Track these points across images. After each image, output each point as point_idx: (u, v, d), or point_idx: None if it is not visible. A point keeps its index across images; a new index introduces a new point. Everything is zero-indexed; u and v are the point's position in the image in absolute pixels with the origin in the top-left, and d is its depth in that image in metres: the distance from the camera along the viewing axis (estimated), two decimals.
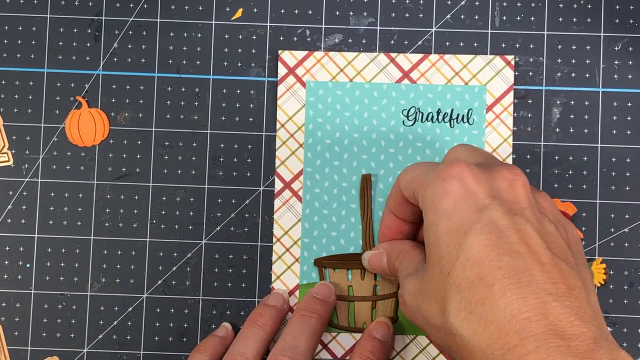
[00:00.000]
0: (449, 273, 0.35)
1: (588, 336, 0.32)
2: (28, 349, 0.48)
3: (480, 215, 0.35)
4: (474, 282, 0.33)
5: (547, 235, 0.35)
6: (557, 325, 0.32)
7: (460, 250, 0.34)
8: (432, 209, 0.36)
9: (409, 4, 0.49)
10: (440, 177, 0.37)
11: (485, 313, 0.33)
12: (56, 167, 0.49)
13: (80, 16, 0.49)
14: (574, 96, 0.49)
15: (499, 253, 0.34)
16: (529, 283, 0.33)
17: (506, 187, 0.36)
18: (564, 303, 0.32)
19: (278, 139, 0.49)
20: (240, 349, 0.44)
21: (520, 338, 0.32)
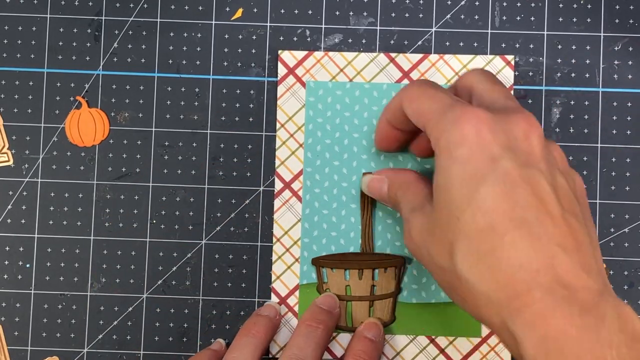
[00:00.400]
0: (458, 218, 0.35)
1: (594, 289, 0.32)
2: (28, 349, 0.48)
3: (494, 165, 0.35)
4: (485, 230, 0.34)
5: (559, 188, 0.36)
6: (564, 277, 0.32)
7: (472, 198, 0.34)
8: (447, 154, 0.36)
9: (409, 4, 0.49)
10: (456, 123, 0.36)
11: (494, 261, 0.33)
12: (56, 167, 0.49)
13: (80, 16, 0.49)
14: (574, 96, 0.49)
15: (511, 204, 0.34)
16: (539, 236, 0.33)
17: (522, 137, 0.36)
18: (572, 257, 0.33)
19: (278, 139, 0.49)
20: (234, 356, 0.44)
21: (527, 287, 0.32)
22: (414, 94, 0.40)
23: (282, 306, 0.48)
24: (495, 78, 0.41)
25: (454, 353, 0.47)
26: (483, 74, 0.41)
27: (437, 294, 0.48)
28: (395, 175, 0.44)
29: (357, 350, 0.45)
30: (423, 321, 0.48)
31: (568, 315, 0.31)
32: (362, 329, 0.46)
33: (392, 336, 0.48)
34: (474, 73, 0.41)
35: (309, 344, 0.44)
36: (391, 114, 0.43)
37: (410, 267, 0.48)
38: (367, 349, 0.45)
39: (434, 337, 0.48)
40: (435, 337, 0.48)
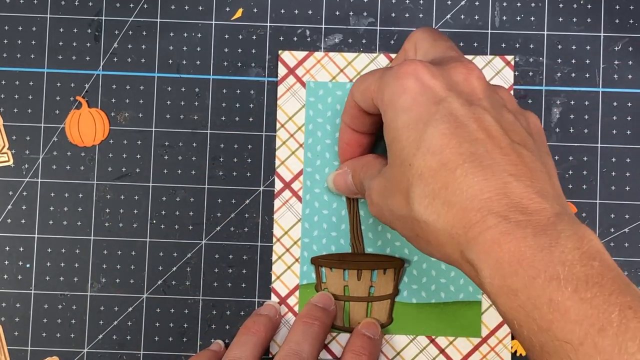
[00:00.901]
0: (410, 164, 0.35)
1: (549, 212, 0.32)
2: (28, 349, 0.48)
3: (438, 107, 0.35)
4: (436, 169, 0.34)
5: (506, 123, 0.36)
6: (518, 202, 0.32)
7: (420, 141, 0.35)
8: (391, 107, 0.37)
9: (409, 4, 0.49)
10: (396, 76, 0.37)
11: (448, 197, 0.33)
12: (56, 167, 0.49)
13: (80, 16, 0.49)
14: (574, 96, 0.49)
15: (459, 141, 0.34)
16: (490, 166, 0.33)
17: (462, 80, 0.37)
18: (525, 183, 0.33)
19: (278, 139, 0.49)
20: (235, 354, 0.44)
21: (482, 215, 0.32)
22: (358, 80, 0.41)
23: (282, 306, 0.48)
24: (437, 34, 0.42)
25: (454, 353, 0.47)
26: (425, 32, 0.42)
27: (437, 294, 0.48)
28: (355, 163, 0.45)
29: (357, 347, 0.45)
30: (423, 321, 0.48)
31: (521, 237, 0.31)
32: (361, 327, 0.47)
33: (392, 336, 0.48)
34: (417, 32, 0.42)
35: (305, 338, 0.44)
36: (349, 116, 0.44)
37: (410, 267, 0.48)
38: (366, 345, 0.45)
39: (434, 337, 0.48)
40: (435, 337, 0.48)
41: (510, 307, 0.31)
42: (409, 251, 0.48)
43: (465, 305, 0.48)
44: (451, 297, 0.48)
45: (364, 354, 0.45)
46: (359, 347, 0.45)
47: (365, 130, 0.44)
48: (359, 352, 0.45)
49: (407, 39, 0.44)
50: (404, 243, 0.48)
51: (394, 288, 0.48)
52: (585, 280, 0.30)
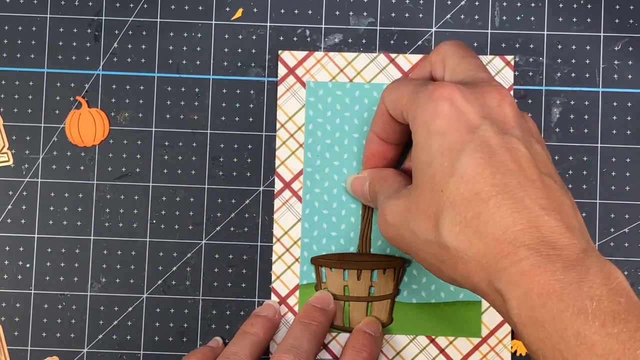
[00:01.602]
0: (442, 190, 0.35)
1: (578, 247, 0.33)
2: (28, 349, 0.48)
3: (472, 135, 0.35)
4: (469, 198, 0.34)
5: (535, 153, 0.36)
6: (548, 236, 0.33)
7: (454, 168, 0.35)
8: (425, 130, 0.37)
9: (409, 4, 0.49)
10: (430, 98, 0.37)
11: (481, 226, 0.34)
12: (56, 167, 0.49)
13: (80, 16, 0.49)
14: (574, 96, 0.49)
15: (492, 171, 0.35)
16: (522, 198, 0.34)
17: (495, 106, 0.37)
18: (555, 217, 0.34)
19: (278, 139, 0.49)
20: (233, 349, 0.44)
21: (514, 247, 0.33)
22: (391, 87, 0.41)
23: (282, 306, 0.48)
24: (466, 49, 0.41)
25: (454, 353, 0.47)
26: (454, 46, 0.41)
27: (437, 294, 0.48)
28: (376, 173, 0.45)
29: (358, 344, 0.45)
30: (423, 321, 0.48)
31: (551, 271, 0.32)
32: (362, 325, 0.47)
33: (392, 336, 0.48)
34: (445, 46, 0.42)
35: (304, 334, 0.44)
36: (378, 124, 0.44)
37: (410, 267, 0.48)
38: (367, 342, 0.45)
39: (434, 337, 0.48)
40: (435, 337, 0.48)
41: (537, 338, 0.32)
42: None
43: (465, 305, 0.48)
44: (451, 297, 0.48)
45: (364, 351, 0.45)
46: (360, 344, 0.45)
47: (394, 141, 0.44)
48: (359, 349, 0.45)
49: (435, 51, 0.42)
50: None
51: (394, 288, 0.48)
52: (612, 315, 0.31)
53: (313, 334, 0.44)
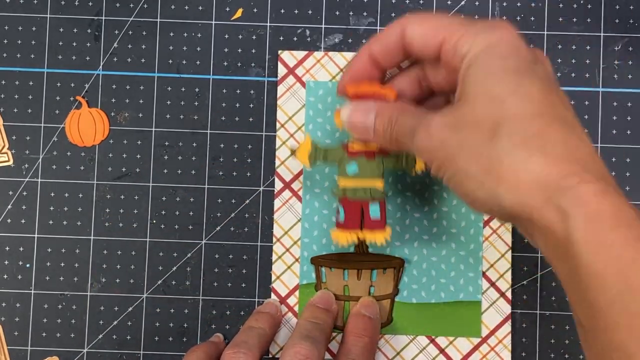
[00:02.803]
0: (503, 102, 0.35)
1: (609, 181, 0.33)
2: (28, 349, 0.48)
3: (533, 67, 0.36)
4: (533, 115, 0.34)
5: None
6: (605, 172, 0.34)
7: (519, 86, 0.35)
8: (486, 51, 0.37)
9: (409, 4, 0.49)
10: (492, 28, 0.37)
11: (543, 144, 0.33)
12: (56, 167, 0.49)
13: (80, 16, 0.49)
14: (574, 96, 0.49)
15: (554, 101, 0.35)
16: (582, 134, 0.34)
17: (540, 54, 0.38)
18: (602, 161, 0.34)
19: (278, 139, 0.49)
20: (242, 338, 0.43)
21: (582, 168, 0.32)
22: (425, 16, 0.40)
23: (282, 306, 0.48)
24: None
25: (454, 353, 0.47)
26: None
27: (437, 294, 0.48)
28: (387, 105, 0.41)
29: (357, 329, 0.45)
30: (423, 321, 0.48)
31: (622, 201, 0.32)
32: (360, 308, 0.46)
33: (392, 336, 0.48)
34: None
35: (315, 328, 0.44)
36: (381, 44, 0.41)
37: (410, 267, 0.48)
38: (367, 326, 0.45)
39: (434, 337, 0.48)
40: (435, 337, 0.48)
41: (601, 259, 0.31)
42: (409, 251, 0.48)
43: (465, 305, 0.48)
44: (451, 297, 0.48)
45: (365, 336, 0.45)
46: (361, 329, 0.45)
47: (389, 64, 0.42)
48: (360, 335, 0.45)
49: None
50: (404, 243, 0.48)
51: (394, 288, 0.48)
52: None
53: (321, 331, 0.44)
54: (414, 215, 0.48)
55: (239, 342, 0.43)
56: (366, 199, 0.44)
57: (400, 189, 0.48)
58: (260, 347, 0.43)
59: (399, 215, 0.48)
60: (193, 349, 0.45)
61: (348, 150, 0.44)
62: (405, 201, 0.48)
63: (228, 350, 0.42)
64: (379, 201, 0.45)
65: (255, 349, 0.43)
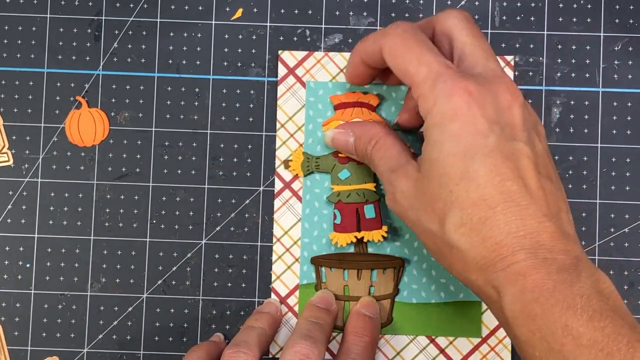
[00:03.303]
0: (451, 191, 0.37)
1: (572, 254, 0.36)
2: (28, 349, 0.48)
3: (485, 141, 0.37)
4: (477, 202, 0.37)
5: (539, 156, 0.38)
6: (546, 242, 0.36)
7: (465, 172, 0.37)
8: (440, 129, 0.38)
9: (409, 4, 0.49)
10: (447, 97, 0.38)
11: (485, 230, 0.36)
12: (56, 167, 0.49)
13: (80, 16, 0.49)
14: (574, 96, 0.49)
15: (502, 178, 0.37)
16: (526, 206, 0.36)
17: (506, 107, 0.38)
18: (554, 224, 0.36)
19: (278, 139, 0.49)
20: (242, 338, 0.44)
21: (513, 250, 0.36)
22: (397, 48, 0.40)
23: (282, 305, 0.48)
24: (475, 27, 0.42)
25: (454, 353, 0.47)
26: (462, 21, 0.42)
27: (437, 294, 0.48)
28: (362, 129, 0.45)
29: (358, 328, 0.45)
30: (423, 321, 0.48)
31: (546, 272, 0.35)
32: (360, 307, 0.46)
33: (392, 336, 0.48)
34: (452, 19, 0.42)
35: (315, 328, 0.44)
36: (367, 56, 0.43)
37: (410, 267, 0.48)
38: (367, 325, 0.45)
39: (434, 337, 0.48)
40: (435, 337, 0.48)
41: (528, 330, 0.34)
42: (409, 251, 0.48)
43: (465, 305, 0.48)
44: (451, 297, 0.48)
45: (366, 335, 0.45)
46: (361, 328, 0.45)
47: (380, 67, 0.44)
48: (361, 334, 0.45)
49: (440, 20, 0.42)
50: (404, 243, 0.48)
51: (394, 288, 0.48)
52: (599, 312, 0.33)
53: (321, 331, 0.44)
54: None
55: (239, 342, 0.43)
56: (361, 202, 0.47)
57: None
58: (260, 346, 0.43)
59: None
60: (193, 349, 0.45)
61: (339, 157, 0.47)
62: None
63: (228, 350, 0.42)
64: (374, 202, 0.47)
65: (256, 348, 0.43)
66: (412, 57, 0.40)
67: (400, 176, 0.41)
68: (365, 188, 0.47)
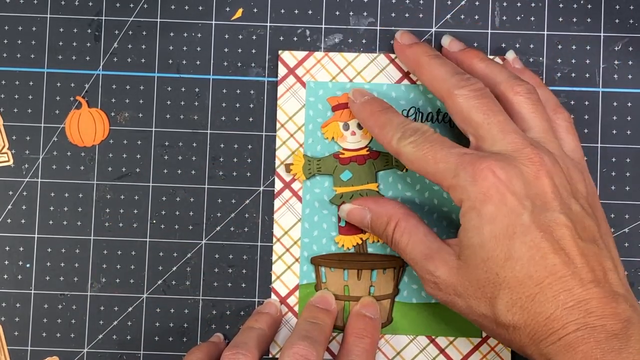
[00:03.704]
0: (497, 274, 0.38)
1: (622, 317, 0.37)
2: (28, 349, 0.48)
3: (519, 219, 0.38)
4: (524, 281, 0.38)
5: (577, 221, 0.39)
6: (596, 308, 0.37)
7: (508, 253, 0.38)
8: (475, 213, 0.39)
9: (409, 4, 0.49)
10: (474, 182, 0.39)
11: (535, 307, 0.38)
12: (56, 167, 0.49)
13: (80, 16, 0.49)
14: (574, 96, 0.49)
15: (543, 254, 0.38)
16: (572, 276, 0.38)
17: (533, 179, 0.39)
18: (600, 289, 0.37)
19: (278, 139, 0.49)
20: (242, 339, 0.44)
21: (563, 324, 0.37)
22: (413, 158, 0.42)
23: (282, 305, 0.48)
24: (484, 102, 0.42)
25: (454, 353, 0.47)
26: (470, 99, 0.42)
27: None
28: (379, 207, 0.45)
29: (358, 329, 0.45)
30: (423, 321, 0.48)
31: (594, 342, 0.36)
32: (360, 308, 0.46)
33: (392, 336, 0.48)
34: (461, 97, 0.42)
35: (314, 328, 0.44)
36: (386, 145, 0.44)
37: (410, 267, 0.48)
38: (367, 327, 0.45)
39: (434, 337, 0.48)
40: (435, 337, 0.48)
41: None
42: None
43: None
44: None
45: (366, 337, 0.45)
46: (361, 329, 0.45)
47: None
48: (361, 335, 0.45)
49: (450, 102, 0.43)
50: None
51: (394, 288, 0.48)
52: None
53: (321, 331, 0.44)
54: None
55: (238, 343, 0.43)
56: None
57: (400, 189, 0.48)
58: (259, 347, 0.43)
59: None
60: (193, 350, 0.45)
61: (340, 158, 0.47)
62: (405, 201, 0.48)
63: (227, 351, 0.42)
64: None
65: (255, 349, 0.43)
66: (428, 160, 0.41)
67: (439, 264, 0.41)
68: (368, 189, 0.47)
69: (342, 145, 0.48)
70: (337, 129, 0.48)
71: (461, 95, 0.42)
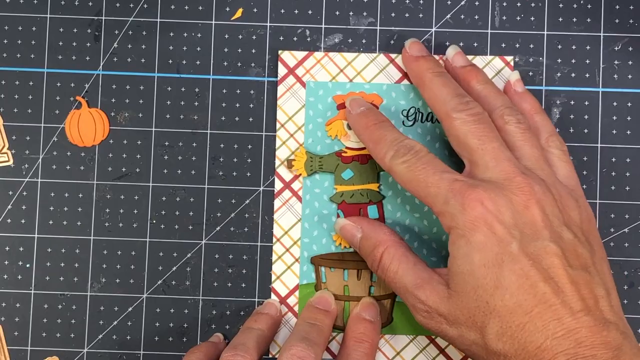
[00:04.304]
0: (487, 302, 0.38)
1: (613, 346, 0.37)
2: (28, 349, 0.48)
3: (509, 247, 0.38)
4: (513, 309, 0.38)
5: (567, 249, 0.39)
6: (585, 338, 0.37)
7: (497, 282, 0.38)
8: (464, 241, 0.39)
9: (409, 4, 0.49)
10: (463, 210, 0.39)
11: (525, 336, 0.37)
12: (56, 167, 0.49)
13: (80, 16, 0.49)
14: (574, 96, 0.49)
15: (532, 282, 0.38)
16: (562, 304, 0.37)
17: (522, 209, 0.39)
18: (591, 317, 0.37)
19: (278, 139, 0.49)
20: (240, 340, 0.44)
21: (553, 354, 0.37)
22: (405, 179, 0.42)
23: (282, 305, 0.48)
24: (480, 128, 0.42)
25: (454, 353, 0.47)
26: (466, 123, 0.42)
27: None
28: (371, 230, 0.45)
29: (358, 333, 0.45)
30: None
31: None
32: (360, 311, 0.46)
33: (392, 336, 0.48)
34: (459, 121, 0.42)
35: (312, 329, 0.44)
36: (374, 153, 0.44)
37: None
38: (367, 330, 0.45)
39: (434, 337, 0.48)
40: (435, 337, 0.48)
41: None
42: None
43: None
44: None
45: (365, 341, 0.45)
46: (361, 333, 0.45)
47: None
48: (360, 339, 0.45)
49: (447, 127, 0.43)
50: None
51: None
52: None
53: (319, 333, 0.44)
54: (414, 215, 0.48)
55: (237, 344, 0.43)
56: (364, 202, 0.47)
57: (400, 188, 0.48)
58: (258, 348, 0.43)
59: (399, 215, 0.48)
60: (192, 350, 0.45)
61: (342, 157, 0.48)
62: (405, 201, 0.48)
63: (226, 352, 0.42)
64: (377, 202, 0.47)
65: (254, 350, 0.43)
66: (420, 182, 0.41)
67: (430, 293, 0.41)
68: (369, 188, 0.47)
69: (345, 143, 0.48)
70: (341, 127, 0.48)
71: (459, 118, 0.42)
